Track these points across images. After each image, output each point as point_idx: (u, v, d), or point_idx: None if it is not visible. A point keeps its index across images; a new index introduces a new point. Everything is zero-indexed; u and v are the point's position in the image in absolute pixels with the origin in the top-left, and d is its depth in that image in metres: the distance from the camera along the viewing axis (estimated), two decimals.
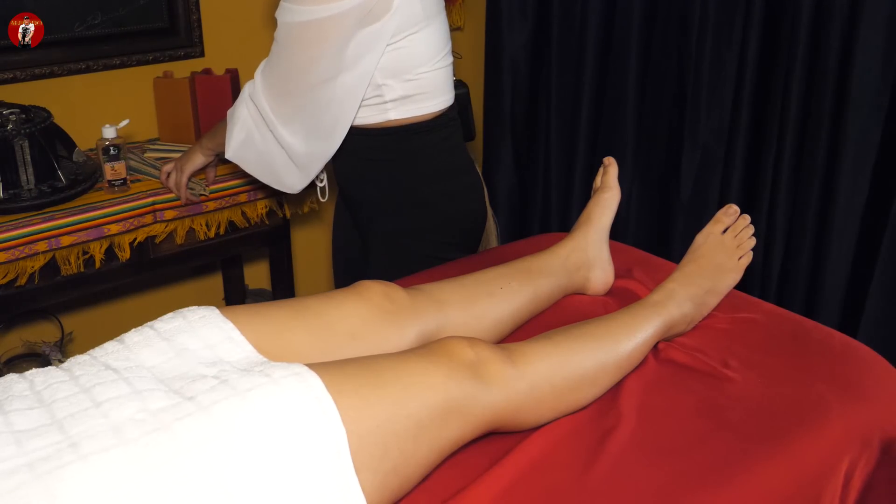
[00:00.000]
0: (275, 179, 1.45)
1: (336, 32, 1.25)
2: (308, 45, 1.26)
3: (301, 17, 1.24)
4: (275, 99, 1.34)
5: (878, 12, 1.82)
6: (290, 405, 0.81)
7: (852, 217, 1.97)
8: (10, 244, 1.56)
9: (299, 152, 1.38)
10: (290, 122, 1.35)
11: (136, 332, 0.96)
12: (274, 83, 1.33)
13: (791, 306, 2.07)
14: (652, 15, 2.28)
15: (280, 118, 1.35)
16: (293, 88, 1.31)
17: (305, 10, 1.23)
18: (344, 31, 1.25)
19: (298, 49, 1.27)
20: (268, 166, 1.43)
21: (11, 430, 0.76)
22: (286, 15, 1.27)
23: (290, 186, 1.45)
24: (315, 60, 1.27)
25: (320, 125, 1.36)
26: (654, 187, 2.41)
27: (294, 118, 1.34)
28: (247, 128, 1.40)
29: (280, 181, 1.45)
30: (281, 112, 1.34)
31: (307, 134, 1.36)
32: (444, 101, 1.44)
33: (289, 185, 1.45)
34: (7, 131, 1.59)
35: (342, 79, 1.30)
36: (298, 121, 1.35)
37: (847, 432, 1.04)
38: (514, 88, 2.64)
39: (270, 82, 1.34)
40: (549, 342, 1.06)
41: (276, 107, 1.34)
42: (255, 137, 1.40)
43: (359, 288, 1.11)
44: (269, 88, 1.34)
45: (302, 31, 1.25)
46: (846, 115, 1.90)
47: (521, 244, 1.56)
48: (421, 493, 0.92)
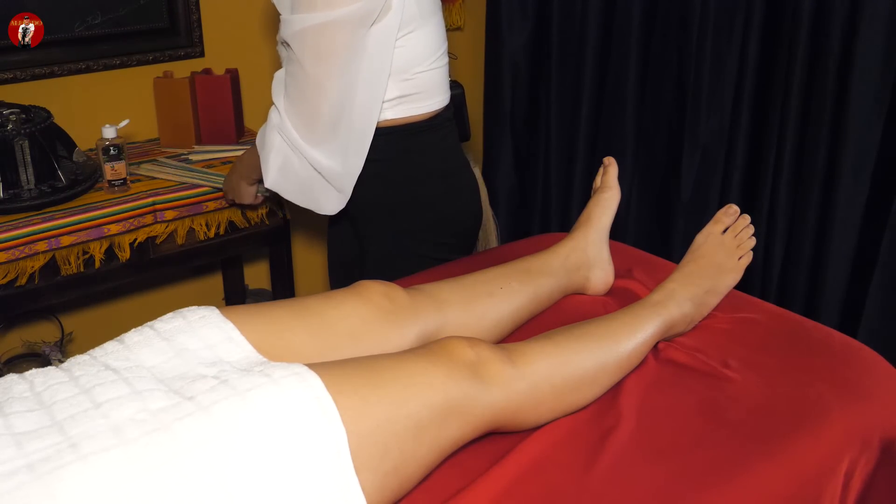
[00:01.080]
0: (314, 204, 1.41)
1: (346, 35, 1.23)
2: (323, 53, 1.24)
3: (310, 21, 1.22)
4: (304, 126, 1.30)
5: (878, 12, 1.82)
6: (290, 405, 0.81)
7: (852, 217, 1.97)
8: (10, 244, 1.56)
9: (338, 173, 1.35)
10: (323, 144, 1.32)
11: (136, 332, 0.96)
12: (300, 110, 1.30)
13: (791, 306, 2.06)
14: (652, 15, 2.28)
15: (312, 143, 1.32)
16: (319, 107, 1.28)
17: (312, 16, 1.22)
18: (354, 33, 1.24)
19: (314, 61, 1.25)
20: (308, 191, 1.39)
21: (11, 433, 0.76)
22: (294, 25, 1.24)
23: (330, 209, 1.41)
24: (332, 69, 1.25)
25: (353, 137, 1.33)
26: (654, 187, 2.40)
27: (327, 139, 1.31)
28: (283, 154, 1.36)
29: (319, 205, 1.41)
30: (313, 138, 1.31)
31: (344, 151, 1.34)
32: (439, 101, 1.44)
33: (328, 209, 1.41)
34: (7, 131, 1.59)
35: (362, 84, 1.29)
36: (332, 141, 1.31)
37: (847, 432, 1.04)
38: (514, 88, 2.64)
39: (296, 110, 1.30)
40: (550, 342, 1.07)
41: (307, 133, 1.31)
42: (293, 163, 1.36)
43: (359, 288, 1.11)
44: (296, 116, 1.30)
45: (315, 37, 1.23)
46: (846, 115, 1.90)
47: (521, 244, 1.56)
48: (421, 493, 0.92)
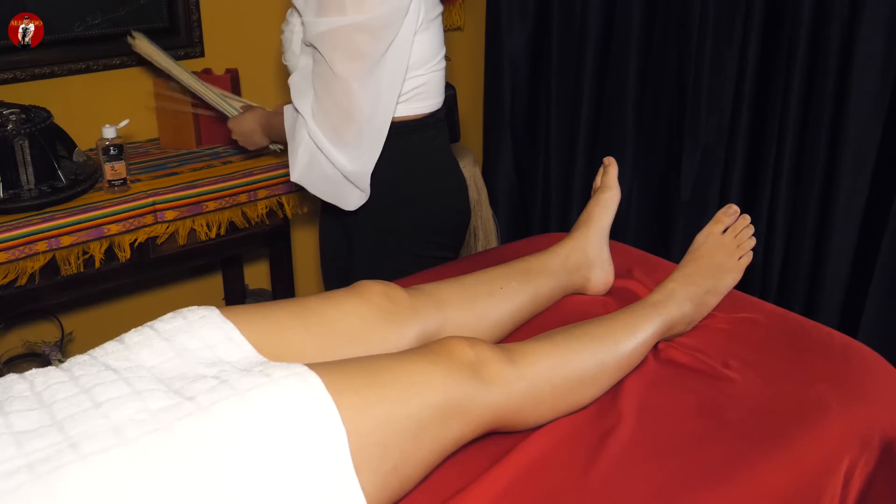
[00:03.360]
0: (339, 200, 1.42)
1: (375, 37, 1.24)
2: (353, 54, 1.24)
3: (339, 23, 1.22)
4: (332, 129, 1.31)
5: (878, 12, 1.82)
6: (290, 405, 0.81)
7: (852, 217, 1.97)
8: (10, 244, 1.56)
9: (361, 173, 1.36)
10: (349, 145, 1.32)
11: (136, 332, 0.96)
12: (329, 111, 1.30)
13: (791, 306, 2.07)
14: (652, 15, 2.28)
15: (340, 145, 1.32)
16: (349, 109, 1.28)
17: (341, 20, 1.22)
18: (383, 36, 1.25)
19: (344, 63, 1.25)
20: (332, 187, 1.40)
21: (12, 432, 0.76)
22: (321, 27, 1.24)
23: (353, 205, 1.42)
24: (360, 71, 1.26)
25: (377, 139, 1.35)
26: (654, 187, 2.40)
27: (354, 140, 1.32)
28: (310, 151, 1.37)
29: (345, 201, 1.42)
30: (340, 140, 1.31)
31: (370, 152, 1.35)
32: (434, 103, 1.45)
33: (352, 205, 1.42)
34: (7, 131, 1.59)
35: (385, 84, 1.30)
36: (358, 141, 1.32)
37: (847, 432, 1.04)
38: (514, 89, 2.64)
39: (325, 111, 1.30)
40: (550, 342, 1.06)
41: (335, 136, 1.31)
42: (320, 161, 1.37)
43: (359, 288, 1.11)
44: (324, 118, 1.30)
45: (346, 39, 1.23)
46: (846, 115, 1.90)
47: (521, 244, 1.56)
48: (421, 493, 0.92)
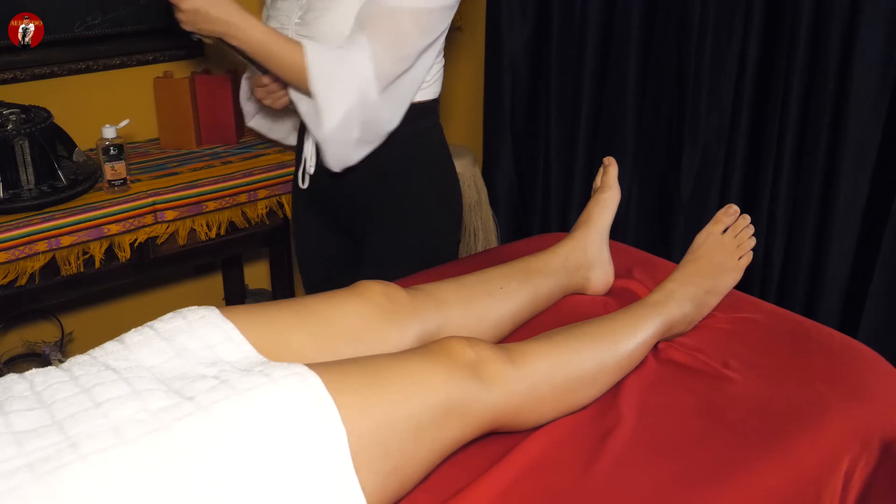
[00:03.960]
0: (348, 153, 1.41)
1: (445, 18, 1.39)
2: (428, 28, 1.37)
3: (431, 3, 1.34)
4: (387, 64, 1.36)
5: (878, 12, 1.82)
6: (290, 405, 0.81)
7: (852, 217, 1.97)
8: (10, 244, 1.56)
9: (383, 120, 1.40)
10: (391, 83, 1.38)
11: (136, 332, 0.96)
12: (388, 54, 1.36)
13: (791, 306, 2.06)
14: (652, 15, 2.28)
15: (385, 81, 1.37)
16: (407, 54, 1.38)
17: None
18: (447, 17, 1.40)
19: (420, 34, 1.36)
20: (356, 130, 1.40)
21: (12, 431, 0.76)
22: (412, 1, 1.33)
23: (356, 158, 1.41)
24: (425, 44, 1.38)
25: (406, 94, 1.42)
26: (654, 187, 2.40)
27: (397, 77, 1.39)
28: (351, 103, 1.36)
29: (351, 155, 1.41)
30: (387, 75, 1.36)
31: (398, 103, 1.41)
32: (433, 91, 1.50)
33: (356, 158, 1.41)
34: (7, 131, 1.59)
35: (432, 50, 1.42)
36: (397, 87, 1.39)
37: (847, 432, 1.04)
38: (514, 88, 2.64)
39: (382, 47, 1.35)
40: (550, 342, 1.06)
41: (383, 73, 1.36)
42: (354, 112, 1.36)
43: (359, 288, 1.11)
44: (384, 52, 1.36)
45: (428, 17, 1.35)
46: (846, 115, 1.90)
47: (521, 244, 1.56)
48: (421, 493, 0.92)
